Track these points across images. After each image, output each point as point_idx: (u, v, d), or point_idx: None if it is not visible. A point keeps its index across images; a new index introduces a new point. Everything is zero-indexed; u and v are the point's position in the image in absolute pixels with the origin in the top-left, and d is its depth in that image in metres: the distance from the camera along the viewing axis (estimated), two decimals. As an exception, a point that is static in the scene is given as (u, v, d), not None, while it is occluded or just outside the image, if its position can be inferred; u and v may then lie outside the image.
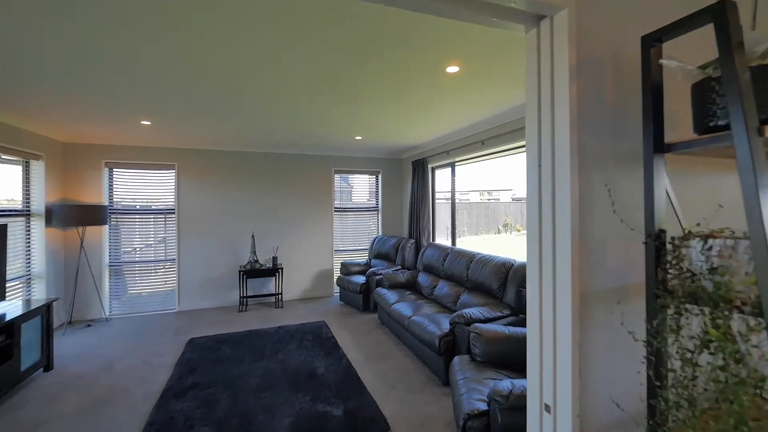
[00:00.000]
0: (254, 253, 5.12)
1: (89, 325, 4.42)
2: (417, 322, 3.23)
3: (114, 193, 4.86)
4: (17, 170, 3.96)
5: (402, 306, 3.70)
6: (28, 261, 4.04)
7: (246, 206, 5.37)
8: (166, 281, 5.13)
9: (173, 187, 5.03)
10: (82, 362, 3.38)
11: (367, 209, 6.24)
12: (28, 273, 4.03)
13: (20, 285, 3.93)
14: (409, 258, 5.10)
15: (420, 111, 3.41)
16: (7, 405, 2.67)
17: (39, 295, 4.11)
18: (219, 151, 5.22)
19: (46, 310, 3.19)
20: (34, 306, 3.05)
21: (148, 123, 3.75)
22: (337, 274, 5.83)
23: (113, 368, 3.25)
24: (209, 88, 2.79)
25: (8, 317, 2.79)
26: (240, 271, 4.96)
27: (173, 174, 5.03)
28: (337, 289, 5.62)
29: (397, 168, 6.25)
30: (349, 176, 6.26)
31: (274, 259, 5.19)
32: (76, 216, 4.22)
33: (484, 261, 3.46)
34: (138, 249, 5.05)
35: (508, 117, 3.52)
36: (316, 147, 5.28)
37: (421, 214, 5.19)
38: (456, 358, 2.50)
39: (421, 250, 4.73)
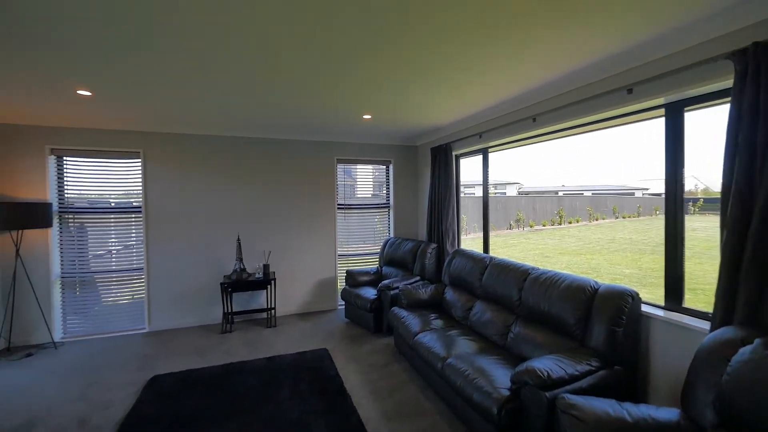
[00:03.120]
0: (240, 260, 4.18)
1: (30, 354, 3.50)
2: (457, 370, 2.29)
3: (65, 188, 3.92)
4: None
5: (430, 339, 2.75)
6: (-58, 276, 3.11)
7: (230, 204, 4.42)
8: (133, 295, 4.21)
9: (139, 179, 4.08)
10: (-6, 420, 2.47)
11: (376, 206, 5.28)
12: (-56, 291, 3.11)
13: (-67, 307, 3.01)
14: (431, 267, 4.14)
15: (457, 74, 2.42)
16: None
17: (-40, 318, 3.20)
18: (194, 135, 4.25)
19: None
20: None
21: (88, 93, 2.78)
22: (341, 283, 4.90)
23: (35, 431, 2.33)
24: (168, 43, 1.83)
25: None
26: (223, 284, 4.02)
27: (138, 163, 4.07)
28: (341, 301, 4.68)
29: (411, 156, 5.27)
30: (354, 167, 5.29)
31: (266, 267, 4.25)
32: (9, 216, 3.29)
33: (549, 281, 2.50)
34: (100, 255, 4.12)
35: (587, 76, 2.52)
36: (314, 130, 4.30)
37: (443, 212, 4.23)
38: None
39: (447, 259, 3.78)
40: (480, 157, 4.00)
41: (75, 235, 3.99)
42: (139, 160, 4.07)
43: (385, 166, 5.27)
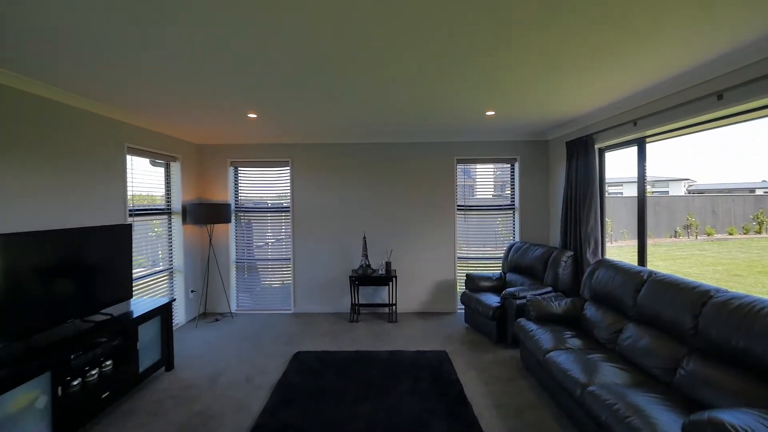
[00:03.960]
0: (366, 257, 4.53)
1: (217, 320, 4.56)
2: (601, 402, 1.94)
3: (239, 191, 4.97)
4: (160, 172, 4.26)
5: (565, 360, 2.42)
6: (170, 256, 4.34)
7: (357, 204, 4.83)
8: (283, 281, 5.03)
9: (288, 184, 4.85)
10: (196, 366, 3.29)
11: (497, 208, 4.96)
12: (170, 267, 4.33)
13: (165, 277, 4.23)
14: (565, 278, 3.65)
15: (599, 51, 2.05)
16: (123, 408, 2.62)
17: (179, 287, 4.39)
18: (329, 144, 4.80)
19: (164, 310, 3.16)
20: (153, 306, 3.03)
21: (254, 116, 3.45)
22: (460, 287, 4.79)
23: (219, 381, 3.02)
24: (311, 71, 2.15)
25: (128, 319, 2.77)
26: (351, 277, 4.43)
27: (288, 170, 4.84)
28: (461, 305, 4.58)
29: (541, 153, 4.76)
30: (473, 167, 5.09)
31: (388, 264, 4.50)
32: (205, 214, 4.35)
33: (746, 309, 1.88)
34: (260, 246, 5.07)
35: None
36: (434, 131, 4.32)
37: (582, 215, 3.67)
38: None
39: (588, 270, 3.26)
40: (633, 149, 3.32)
41: (244, 230, 5.01)
42: (288, 167, 4.84)
43: (509, 165, 4.91)
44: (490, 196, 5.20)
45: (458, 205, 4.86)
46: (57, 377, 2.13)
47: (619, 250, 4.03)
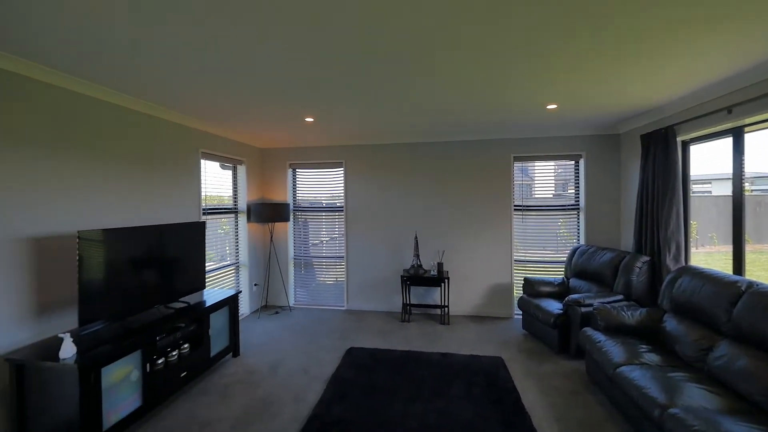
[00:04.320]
0: (417, 257, 4.50)
1: (277, 312, 4.85)
2: (687, 427, 1.71)
3: (296, 191, 5.23)
4: (228, 174, 4.64)
5: (640, 376, 2.18)
6: (236, 251, 4.71)
7: (409, 204, 4.82)
8: (336, 278, 5.19)
9: (342, 184, 5.00)
10: (259, 354, 3.53)
11: (559, 208, 4.63)
12: (236, 261, 4.70)
13: (232, 271, 4.61)
14: (640, 286, 3.30)
15: (688, 32, 1.81)
16: (197, 388, 2.90)
17: (244, 280, 4.75)
18: (381, 145, 4.85)
19: (232, 300, 3.43)
20: (222, 297, 3.31)
21: (311, 119, 3.61)
22: (517, 291, 4.56)
23: (278, 370, 3.21)
24: (366, 72, 2.19)
25: (201, 307, 3.05)
26: (402, 277, 4.44)
27: (341, 171, 5.00)
28: (518, 310, 4.36)
29: (610, 148, 4.35)
30: (531, 164, 4.80)
31: (440, 265, 4.43)
32: (266, 213, 4.65)
33: None
34: (315, 244, 5.30)
35: None
36: (490, 128, 4.16)
37: (660, 217, 3.28)
38: None
39: (668, 277, 2.91)
40: (726, 141, 2.89)
41: (301, 228, 5.26)
42: (342, 168, 4.98)
43: (573, 161, 4.56)
44: (551, 196, 4.88)
45: (515, 205, 4.63)
46: (146, 355, 2.43)
47: (708, 256, 3.54)
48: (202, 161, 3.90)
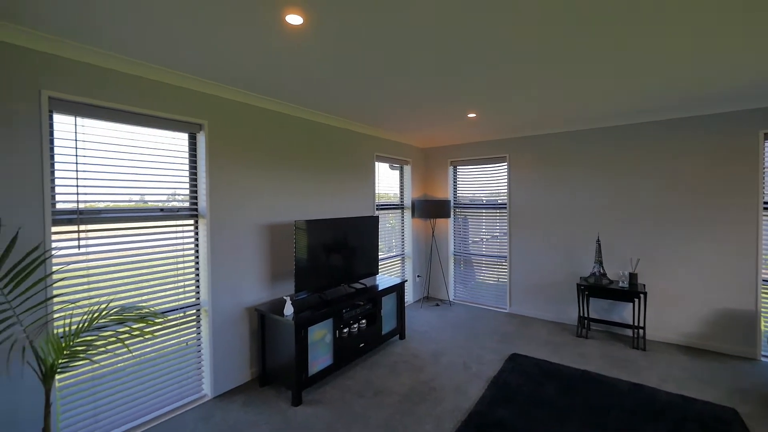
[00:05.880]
0: (600, 263, 3.79)
1: (437, 305, 5.04)
2: None
3: (457, 188, 5.27)
4: (395, 174, 5.12)
5: None
6: (402, 244, 5.15)
7: (587, 201, 4.10)
8: (498, 278, 4.96)
9: (505, 180, 4.72)
10: (421, 341, 3.75)
11: None
12: (402, 253, 5.14)
13: (398, 261, 5.08)
14: None
15: None
16: (372, 359, 3.33)
17: (408, 271, 5.15)
18: (549, 134, 4.31)
19: (400, 288, 3.77)
20: (392, 284, 3.68)
21: (473, 115, 3.55)
22: (767, 323, 3.22)
23: (440, 359, 3.33)
24: (535, 57, 2.01)
25: (375, 290, 3.49)
26: (579, 285, 3.83)
27: (505, 166, 4.71)
28: (766, 350, 3.08)
29: None
30: (809, 141, 3.24)
31: (632, 276, 3.60)
32: (428, 209, 4.89)
33: None
34: (475, 242, 5.21)
35: None
36: (728, 95, 3.06)
37: None
38: None
39: None
40: None
41: (461, 225, 5.27)
42: (505, 163, 4.70)
43: None
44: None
45: (765, 202, 3.27)
46: (336, 323, 2.96)
47: None
48: (376, 163, 4.44)
